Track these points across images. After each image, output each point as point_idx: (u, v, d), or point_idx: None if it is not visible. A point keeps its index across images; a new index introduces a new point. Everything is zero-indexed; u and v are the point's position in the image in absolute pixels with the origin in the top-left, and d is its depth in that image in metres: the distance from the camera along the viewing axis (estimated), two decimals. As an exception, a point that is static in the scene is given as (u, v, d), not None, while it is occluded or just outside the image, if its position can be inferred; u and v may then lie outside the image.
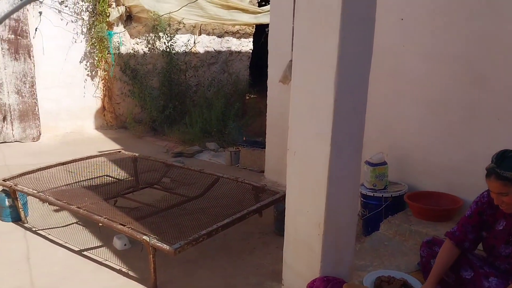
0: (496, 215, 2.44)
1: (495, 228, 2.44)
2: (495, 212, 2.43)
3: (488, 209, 2.46)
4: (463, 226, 2.52)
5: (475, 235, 2.51)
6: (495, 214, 2.44)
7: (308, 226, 2.57)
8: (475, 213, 2.50)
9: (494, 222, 2.44)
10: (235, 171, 5.99)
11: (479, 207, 2.49)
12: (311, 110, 2.45)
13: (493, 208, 2.44)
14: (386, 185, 3.88)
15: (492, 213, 2.45)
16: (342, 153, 2.44)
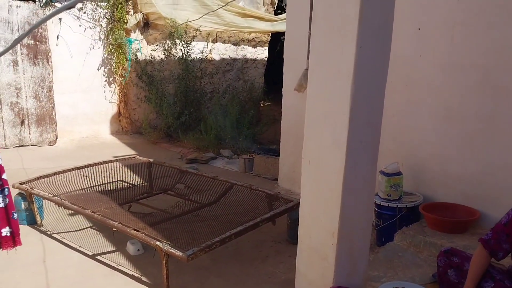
0: None
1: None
2: None
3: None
4: (498, 233, 2.43)
5: (509, 245, 2.42)
6: None
7: (322, 235, 2.55)
8: (511, 221, 2.41)
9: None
10: (249, 178, 5.99)
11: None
12: (327, 119, 2.44)
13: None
14: (401, 196, 3.84)
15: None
16: (357, 163, 2.43)
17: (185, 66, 8.24)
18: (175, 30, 8.09)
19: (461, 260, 2.55)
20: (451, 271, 2.55)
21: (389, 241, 3.61)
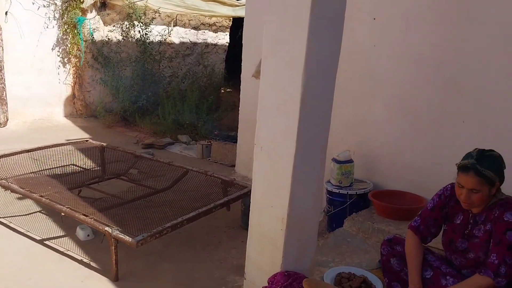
0: (455, 209, 2.50)
1: (454, 222, 2.50)
2: (455, 205, 2.49)
3: (449, 202, 2.52)
4: (426, 219, 2.57)
5: (436, 229, 2.58)
6: (455, 207, 2.50)
7: (271, 221, 2.58)
8: (438, 207, 2.55)
9: (454, 216, 2.51)
10: (206, 164, 5.97)
11: (442, 201, 2.54)
12: (279, 106, 2.45)
13: (454, 202, 2.50)
14: (351, 183, 3.93)
15: (453, 206, 2.51)
16: (307, 150, 2.46)
17: (143, 48, 8.08)
18: (133, 11, 7.90)
19: (403, 248, 2.63)
20: (394, 260, 2.63)
21: (339, 227, 3.69)
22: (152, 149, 6.55)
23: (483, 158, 2.26)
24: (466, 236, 2.44)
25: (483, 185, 2.25)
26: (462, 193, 2.31)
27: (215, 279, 3.21)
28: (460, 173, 2.31)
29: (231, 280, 3.15)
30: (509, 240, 2.23)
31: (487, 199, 2.32)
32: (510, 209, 2.28)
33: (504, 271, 2.21)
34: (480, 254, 2.36)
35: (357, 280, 2.69)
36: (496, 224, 2.29)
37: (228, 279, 3.17)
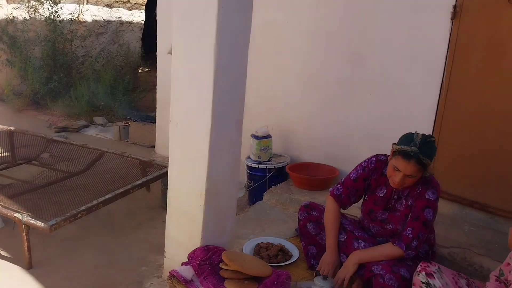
0: (379, 182, 2.60)
1: (376, 194, 2.61)
2: (379, 178, 2.60)
3: (373, 174, 2.62)
4: (348, 189, 2.66)
5: (356, 199, 2.69)
6: (379, 180, 2.60)
7: (189, 197, 2.58)
8: (361, 178, 2.64)
9: (376, 188, 2.61)
10: (124, 146, 5.81)
11: (365, 173, 2.63)
12: (192, 81, 2.44)
13: (377, 175, 2.60)
14: (270, 157, 4.02)
15: (376, 179, 2.61)
16: (223, 125, 2.47)
17: (53, 27, 7.61)
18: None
19: (319, 213, 2.75)
20: (310, 224, 2.75)
21: (259, 201, 3.77)
22: (66, 133, 6.26)
23: (425, 145, 2.29)
24: (388, 209, 2.56)
25: (420, 172, 2.34)
26: (397, 176, 2.35)
27: (135, 260, 3.17)
28: (400, 158, 2.32)
29: (152, 259, 3.13)
30: (426, 217, 2.36)
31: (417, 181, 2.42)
32: (432, 188, 2.41)
33: (415, 245, 2.35)
34: (398, 226, 2.49)
35: (275, 249, 2.79)
36: (417, 200, 2.41)
37: (149, 259, 3.14)
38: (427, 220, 2.36)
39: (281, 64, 4.14)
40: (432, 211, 2.38)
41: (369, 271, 2.37)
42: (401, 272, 2.29)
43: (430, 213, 2.37)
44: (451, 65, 3.21)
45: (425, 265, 2.15)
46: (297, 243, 2.92)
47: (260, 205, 3.66)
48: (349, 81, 3.75)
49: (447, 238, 2.97)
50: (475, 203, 3.24)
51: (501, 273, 2.00)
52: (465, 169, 3.25)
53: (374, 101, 3.61)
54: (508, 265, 1.97)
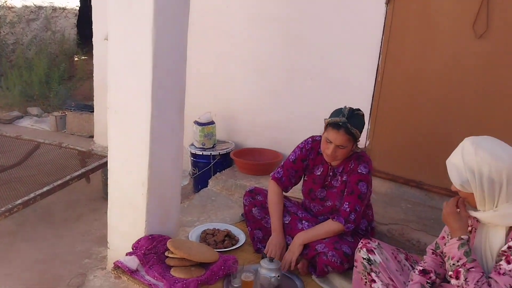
0: (316, 161, 2.69)
1: (314, 173, 2.70)
2: (316, 158, 2.69)
3: (310, 154, 2.70)
4: (288, 171, 2.72)
5: (296, 180, 2.76)
6: (316, 160, 2.69)
7: (132, 186, 2.52)
8: (299, 159, 2.72)
9: (314, 168, 2.70)
10: (62, 137, 5.58)
11: (303, 154, 2.71)
12: (130, 67, 2.37)
13: (314, 154, 2.68)
14: (214, 144, 4.00)
15: (313, 158, 2.69)
16: (164, 111, 2.43)
17: (-22, 12, 7.16)
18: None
19: (263, 198, 2.79)
20: (255, 209, 2.77)
21: (205, 188, 3.75)
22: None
23: (353, 117, 2.42)
24: (325, 187, 2.65)
25: (350, 142, 2.44)
26: (329, 148, 2.45)
27: (77, 252, 3.07)
28: (331, 129, 2.43)
29: (95, 252, 3.04)
30: (360, 190, 2.48)
31: (348, 154, 2.52)
32: (364, 162, 2.52)
33: (353, 217, 2.46)
34: (336, 202, 2.59)
35: (221, 234, 2.79)
36: (351, 175, 2.52)
37: (92, 251, 3.05)
38: (362, 193, 2.47)
39: (222, 49, 4.11)
40: (366, 184, 2.49)
41: (313, 250, 2.44)
42: (343, 249, 2.39)
43: (364, 186, 2.48)
44: (386, 48, 3.31)
45: (366, 242, 2.23)
46: (243, 228, 2.94)
47: (205, 192, 3.64)
48: (291, 66, 3.78)
49: (385, 216, 3.09)
50: (411, 181, 3.39)
51: (437, 247, 2.11)
52: (401, 149, 3.38)
53: (315, 86, 3.67)
54: (443, 238, 2.07)
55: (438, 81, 3.17)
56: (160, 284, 2.29)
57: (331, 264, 2.37)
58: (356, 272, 2.24)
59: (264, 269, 2.36)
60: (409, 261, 2.25)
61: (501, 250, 1.76)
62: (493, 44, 2.93)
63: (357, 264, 2.22)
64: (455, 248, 1.82)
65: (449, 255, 1.84)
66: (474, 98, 3.06)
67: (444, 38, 3.10)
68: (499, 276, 1.72)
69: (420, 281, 2.00)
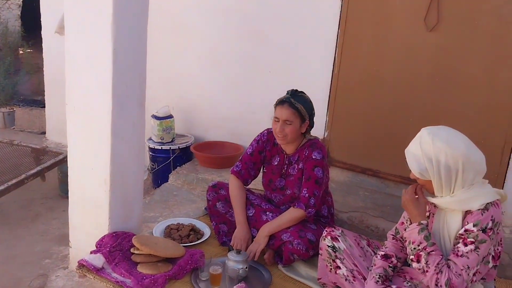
0: (273, 152, 2.76)
1: (272, 164, 2.76)
2: (272, 149, 2.75)
3: (267, 146, 2.77)
4: (246, 164, 2.78)
5: (255, 172, 2.81)
6: (272, 151, 2.76)
7: (94, 183, 2.48)
8: (256, 151, 2.78)
9: (271, 158, 2.77)
10: (11, 134, 5.36)
11: (259, 146, 2.78)
12: (89, 62, 2.32)
13: (271, 145, 2.75)
14: (173, 138, 3.97)
15: (270, 149, 2.76)
16: (124, 106, 2.40)
17: None
18: None
19: (227, 192, 2.81)
20: (219, 203, 2.80)
21: (165, 183, 3.72)
22: None
23: (296, 95, 2.58)
24: (283, 175, 2.72)
25: (296, 117, 2.54)
26: (278, 126, 2.56)
27: (37, 253, 2.99)
28: (277, 107, 2.58)
29: (55, 251, 2.97)
30: (317, 175, 2.56)
31: (298, 134, 2.60)
32: (317, 149, 2.61)
33: (313, 202, 2.53)
34: (295, 190, 2.65)
35: (186, 229, 2.79)
36: (306, 162, 2.60)
37: (52, 251, 2.97)
38: (318, 178, 2.56)
39: (179, 43, 4.07)
40: (321, 169, 2.58)
41: (279, 240, 2.50)
42: (307, 236, 2.47)
43: (320, 171, 2.57)
44: (342, 41, 3.39)
45: (330, 230, 2.30)
46: (207, 222, 2.95)
47: (166, 187, 3.62)
48: (250, 59, 3.80)
49: (345, 204, 3.19)
50: (368, 170, 3.50)
51: (396, 232, 2.20)
52: (358, 139, 3.48)
53: (274, 78, 3.70)
54: (402, 224, 2.17)
55: (392, 73, 3.28)
56: (128, 281, 2.27)
57: (297, 252, 2.43)
58: (321, 260, 2.32)
59: (231, 261, 2.38)
60: (371, 247, 2.35)
61: (458, 233, 1.87)
62: (444, 36, 3.06)
63: (322, 252, 2.29)
64: (415, 233, 1.91)
65: (410, 240, 1.93)
66: (427, 88, 3.18)
67: (397, 31, 3.20)
68: (457, 258, 1.83)
69: (382, 266, 2.09)
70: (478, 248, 1.81)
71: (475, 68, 3.02)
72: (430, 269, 1.85)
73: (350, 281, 2.19)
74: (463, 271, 1.81)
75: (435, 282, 1.83)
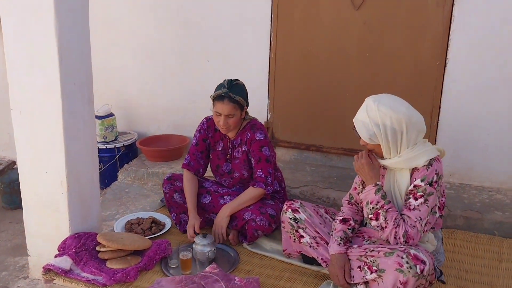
0: (215, 138, 2.83)
1: (216, 150, 2.84)
2: (214, 135, 2.83)
3: (208, 133, 2.83)
4: (194, 155, 2.83)
5: (205, 161, 2.87)
6: (215, 137, 2.83)
7: (49, 187, 2.43)
8: (200, 140, 2.84)
9: (215, 144, 2.84)
10: None
11: (202, 135, 2.84)
12: (33, 63, 2.26)
13: (212, 131, 2.83)
14: (116, 136, 3.93)
15: (212, 136, 2.83)
16: (74, 105, 2.36)
17: None
18: None
19: (182, 183, 2.85)
20: (176, 195, 2.84)
21: (113, 181, 3.69)
22: None
23: (233, 87, 2.61)
24: (229, 160, 2.81)
25: (236, 110, 2.61)
26: (220, 120, 2.61)
27: (-10, 268, 2.87)
28: (217, 102, 2.61)
29: (11, 263, 2.86)
30: (265, 155, 2.68)
31: (240, 122, 2.69)
32: (258, 129, 2.72)
33: (270, 180, 2.66)
34: (243, 171, 2.76)
35: (147, 222, 2.82)
36: (251, 144, 2.70)
37: (7, 263, 2.86)
38: (268, 156, 2.69)
39: (111, 38, 4.00)
40: (267, 147, 2.71)
41: (241, 219, 2.60)
42: (268, 212, 2.60)
43: (267, 150, 2.70)
44: (276, 25, 3.52)
45: (290, 203, 2.44)
46: (166, 213, 2.98)
47: (117, 185, 3.58)
48: (187, 49, 3.82)
49: (295, 180, 3.34)
50: (311, 146, 3.68)
51: (351, 197, 2.38)
52: (300, 118, 3.65)
53: (213, 66, 3.76)
54: (355, 189, 2.34)
55: (325, 52, 3.46)
56: (99, 278, 2.26)
57: (260, 228, 2.55)
58: (284, 232, 2.45)
59: (199, 245, 2.45)
60: (329, 214, 2.51)
61: (408, 189, 2.07)
62: (370, 13, 3.28)
63: (285, 224, 2.42)
64: (372, 194, 2.09)
65: (368, 200, 2.10)
66: (358, 63, 3.40)
67: (326, 11, 3.38)
68: (410, 212, 2.03)
69: (342, 229, 2.26)
70: (427, 200, 2.02)
71: (400, 41, 3.27)
72: (388, 224, 2.03)
73: (314, 247, 2.34)
74: (416, 222, 2.01)
75: (394, 235, 2.02)
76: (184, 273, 2.36)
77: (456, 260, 2.53)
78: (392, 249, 1.99)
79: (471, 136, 3.24)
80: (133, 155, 3.92)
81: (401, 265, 1.91)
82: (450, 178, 3.33)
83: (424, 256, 1.94)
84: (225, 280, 2.20)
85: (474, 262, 2.52)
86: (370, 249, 2.10)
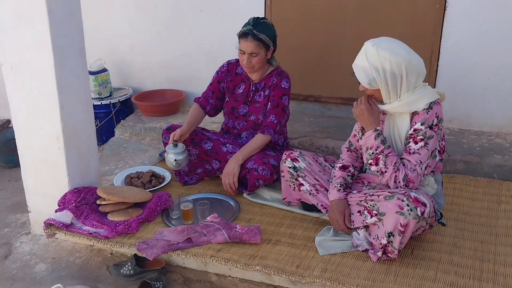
0: (235, 81, 2.82)
1: (235, 93, 2.82)
2: (235, 78, 2.82)
3: (227, 77, 2.82)
4: (206, 93, 2.86)
5: (215, 101, 2.86)
6: (235, 80, 2.82)
7: (46, 143, 2.41)
8: (216, 81, 2.85)
9: (235, 88, 2.83)
10: None
11: (219, 76, 2.85)
12: (21, 16, 2.19)
13: (232, 75, 2.82)
14: (111, 92, 3.87)
15: (231, 80, 2.82)
16: (66, 59, 2.31)
17: None
18: None
19: None
20: None
21: (110, 137, 3.66)
22: None
23: (258, 24, 2.58)
24: (248, 102, 2.81)
25: (261, 48, 2.59)
26: (244, 58, 2.60)
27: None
28: (241, 39, 2.60)
29: (12, 220, 2.87)
30: (284, 103, 2.69)
31: (264, 62, 2.68)
32: (285, 77, 2.73)
33: (279, 129, 2.69)
34: (259, 116, 2.77)
35: (146, 175, 2.81)
36: (274, 90, 2.70)
37: (9, 220, 2.87)
38: (285, 106, 2.71)
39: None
40: (288, 98, 2.73)
41: (244, 168, 2.60)
42: (270, 162, 2.60)
43: (287, 100, 2.72)
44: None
45: (289, 153, 2.43)
46: (165, 166, 2.97)
47: (114, 141, 3.56)
48: (177, 1, 3.71)
49: (293, 131, 3.32)
50: (309, 97, 3.65)
51: (350, 144, 2.37)
52: (297, 68, 3.57)
53: (207, 18, 3.66)
54: (354, 136, 2.33)
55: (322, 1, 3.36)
56: (101, 231, 2.28)
57: (262, 178, 2.55)
58: (284, 181, 2.46)
59: (170, 154, 2.59)
60: (328, 162, 2.51)
61: (408, 133, 2.05)
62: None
63: (284, 173, 2.42)
64: (371, 139, 2.07)
65: (367, 146, 2.09)
66: (356, 12, 3.31)
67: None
68: (410, 155, 2.02)
69: (341, 176, 2.26)
70: (427, 144, 2.01)
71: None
72: (388, 169, 2.03)
73: (314, 195, 2.35)
74: (416, 166, 2.00)
75: (394, 179, 2.02)
76: (186, 223, 2.37)
77: (456, 203, 2.56)
78: (393, 192, 2.00)
79: (470, 81, 3.20)
80: (129, 111, 3.88)
81: (402, 207, 1.91)
82: (450, 123, 3.32)
83: (425, 198, 1.95)
84: (227, 228, 2.22)
85: (473, 205, 2.54)
86: (370, 194, 2.10)
